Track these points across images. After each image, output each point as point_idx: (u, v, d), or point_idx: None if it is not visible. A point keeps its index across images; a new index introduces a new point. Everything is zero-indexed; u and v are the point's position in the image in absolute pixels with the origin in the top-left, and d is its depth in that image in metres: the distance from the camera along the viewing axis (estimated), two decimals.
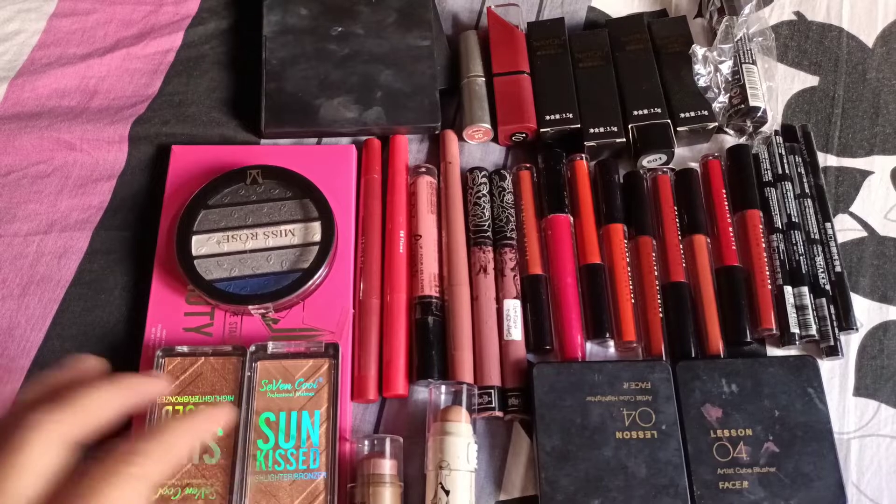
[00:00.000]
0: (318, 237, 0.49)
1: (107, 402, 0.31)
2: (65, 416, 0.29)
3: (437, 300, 0.49)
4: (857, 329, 0.48)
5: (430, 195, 0.52)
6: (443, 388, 0.45)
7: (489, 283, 0.49)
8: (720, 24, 0.57)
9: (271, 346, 0.45)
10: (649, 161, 0.54)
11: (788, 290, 0.48)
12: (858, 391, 0.47)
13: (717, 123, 0.54)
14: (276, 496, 0.42)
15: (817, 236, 0.51)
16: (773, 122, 0.54)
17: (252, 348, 0.45)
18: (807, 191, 0.52)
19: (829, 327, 0.48)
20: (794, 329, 0.47)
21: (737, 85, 0.54)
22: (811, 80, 0.59)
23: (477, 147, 0.56)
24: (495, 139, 0.56)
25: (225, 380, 0.44)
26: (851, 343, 0.49)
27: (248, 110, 0.55)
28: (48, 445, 0.28)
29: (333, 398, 0.44)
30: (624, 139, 0.53)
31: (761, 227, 0.51)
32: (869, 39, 0.60)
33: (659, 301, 0.49)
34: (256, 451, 0.43)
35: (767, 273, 0.49)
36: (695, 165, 0.54)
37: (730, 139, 0.56)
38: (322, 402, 0.44)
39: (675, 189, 0.53)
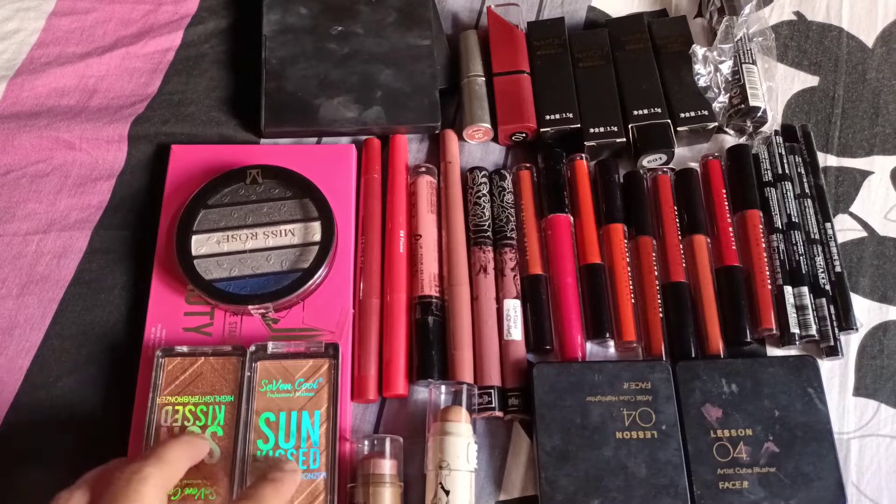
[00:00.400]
0: (317, 237, 0.49)
1: (185, 455, 0.37)
2: (163, 470, 0.35)
3: (437, 300, 0.49)
4: (857, 329, 0.48)
5: (430, 195, 0.52)
6: (443, 388, 0.45)
7: (489, 282, 0.49)
8: (720, 23, 0.57)
9: (271, 346, 0.45)
10: (649, 161, 0.54)
11: (788, 290, 0.48)
12: (858, 391, 0.47)
13: (717, 123, 0.54)
14: None
15: (817, 236, 0.51)
16: (773, 122, 0.54)
17: (252, 348, 0.45)
18: (807, 191, 0.52)
19: (829, 327, 0.48)
20: (794, 329, 0.47)
21: (737, 85, 0.54)
22: (811, 80, 0.59)
23: (477, 147, 0.56)
24: (495, 139, 0.56)
25: (225, 380, 0.44)
26: (851, 343, 0.49)
27: (247, 110, 0.55)
28: (157, 495, 0.34)
29: (333, 398, 0.44)
30: (624, 139, 0.53)
31: (761, 227, 0.51)
32: (869, 39, 0.60)
33: (659, 301, 0.49)
34: (256, 451, 0.42)
35: (767, 273, 0.49)
36: (695, 165, 0.54)
37: (730, 139, 0.56)
38: (322, 402, 0.44)
39: (675, 189, 0.53)
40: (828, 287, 0.49)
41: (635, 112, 0.53)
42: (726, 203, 0.52)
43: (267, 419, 0.43)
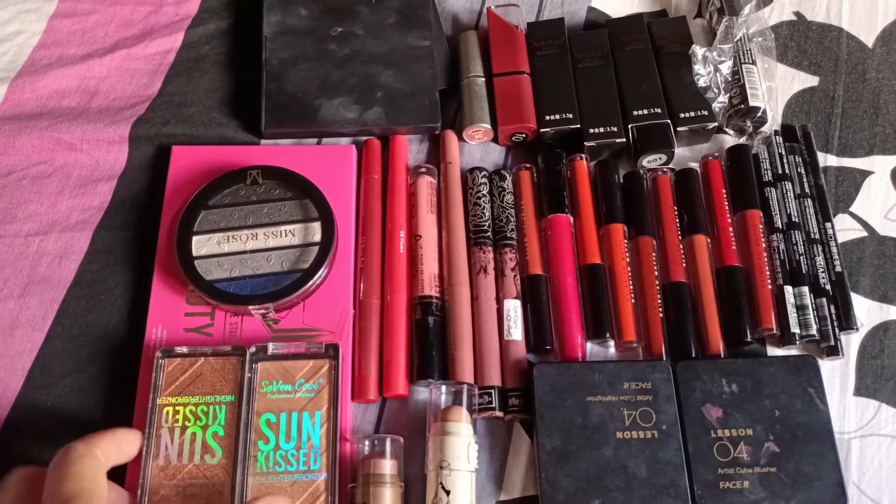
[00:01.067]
0: (318, 237, 0.49)
1: (130, 441, 0.40)
2: (101, 445, 0.37)
3: (437, 300, 0.49)
4: (857, 329, 0.48)
5: (430, 195, 0.52)
6: (443, 388, 0.45)
7: (489, 283, 0.49)
8: (720, 24, 0.57)
9: (271, 348, 0.45)
10: (649, 161, 0.54)
11: (789, 289, 0.48)
12: (859, 391, 0.47)
13: (716, 123, 0.54)
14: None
15: (817, 236, 0.51)
16: (773, 122, 0.54)
17: (252, 349, 0.45)
18: (807, 191, 0.52)
19: (830, 327, 0.48)
20: (795, 329, 0.47)
21: (737, 85, 0.54)
22: (811, 80, 0.59)
23: (477, 147, 0.56)
24: (495, 139, 0.56)
25: (225, 380, 0.44)
26: (852, 343, 0.49)
27: (248, 111, 0.55)
28: (98, 470, 0.36)
29: (334, 399, 0.44)
30: (624, 139, 0.53)
31: (761, 226, 0.51)
32: (869, 39, 0.60)
33: (659, 301, 0.49)
34: (257, 451, 0.43)
35: (768, 273, 0.49)
36: (695, 165, 0.54)
37: (730, 139, 0.56)
38: (322, 402, 0.44)
39: (675, 189, 0.53)
40: (828, 287, 0.49)
41: (635, 112, 0.53)
42: (726, 203, 0.52)
43: (268, 420, 0.43)
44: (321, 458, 0.42)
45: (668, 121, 0.53)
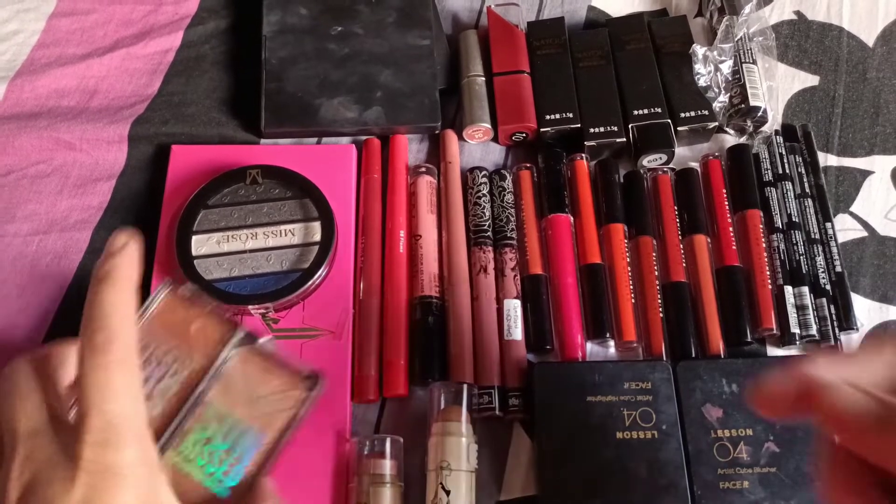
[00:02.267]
0: (317, 237, 0.49)
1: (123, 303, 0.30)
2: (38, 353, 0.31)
3: (437, 300, 0.49)
4: (857, 329, 0.48)
5: (430, 195, 0.52)
6: (443, 388, 0.45)
7: (489, 282, 0.49)
8: (720, 23, 0.57)
9: (261, 341, 0.38)
10: (649, 161, 0.54)
11: (789, 289, 0.48)
12: None
13: (717, 123, 0.54)
14: (181, 486, 0.34)
15: (818, 236, 0.51)
16: (774, 121, 0.54)
17: (241, 334, 0.38)
18: (807, 190, 0.52)
19: (830, 327, 0.48)
20: (795, 329, 0.47)
21: (737, 84, 0.54)
22: (811, 80, 0.58)
23: (477, 147, 0.56)
24: (495, 139, 0.55)
25: (206, 345, 0.37)
26: (852, 343, 0.49)
27: (247, 110, 0.55)
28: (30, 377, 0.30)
29: (284, 431, 0.37)
30: (624, 139, 0.53)
31: (761, 226, 0.51)
32: (869, 39, 0.60)
33: (659, 301, 0.49)
34: (191, 431, 0.36)
35: (768, 273, 0.49)
36: (695, 165, 0.54)
37: (730, 139, 0.56)
38: (273, 427, 0.37)
39: (675, 189, 0.53)
40: (828, 287, 0.49)
41: (635, 112, 0.53)
42: (726, 203, 0.52)
43: (217, 411, 0.37)
44: (239, 479, 0.36)
45: (669, 120, 0.53)
